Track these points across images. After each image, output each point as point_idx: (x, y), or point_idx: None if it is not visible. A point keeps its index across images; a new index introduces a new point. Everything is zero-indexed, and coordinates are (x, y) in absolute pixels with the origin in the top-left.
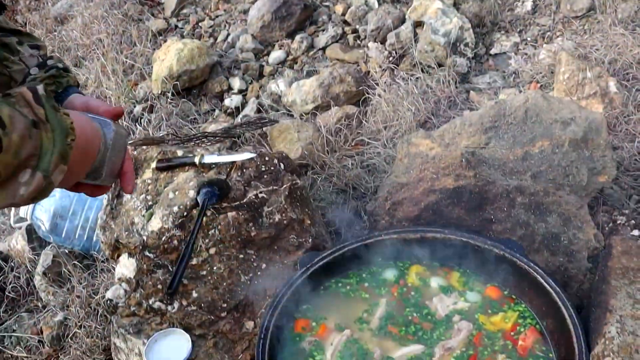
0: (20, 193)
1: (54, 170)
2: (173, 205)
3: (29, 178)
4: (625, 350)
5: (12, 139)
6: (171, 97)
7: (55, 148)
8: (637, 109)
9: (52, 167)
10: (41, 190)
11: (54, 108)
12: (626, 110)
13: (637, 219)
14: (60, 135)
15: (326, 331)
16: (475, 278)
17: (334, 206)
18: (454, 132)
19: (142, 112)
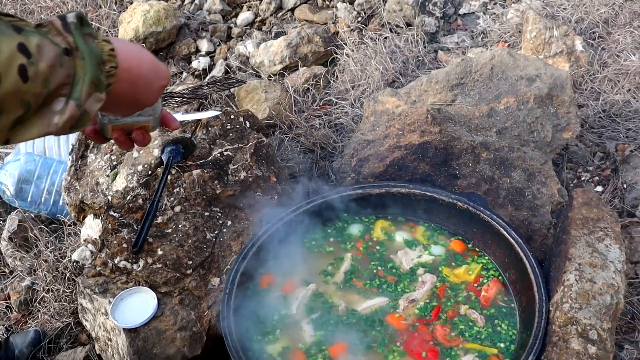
0: (55, 122)
1: (86, 98)
2: (137, 164)
3: (62, 107)
4: (583, 296)
5: (39, 68)
6: None
7: (87, 76)
8: (603, 68)
9: (84, 95)
10: (77, 119)
11: (87, 35)
12: (592, 68)
13: (600, 176)
14: (91, 62)
15: (291, 286)
16: (439, 232)
17: (301, 165)
18: (420, 90)
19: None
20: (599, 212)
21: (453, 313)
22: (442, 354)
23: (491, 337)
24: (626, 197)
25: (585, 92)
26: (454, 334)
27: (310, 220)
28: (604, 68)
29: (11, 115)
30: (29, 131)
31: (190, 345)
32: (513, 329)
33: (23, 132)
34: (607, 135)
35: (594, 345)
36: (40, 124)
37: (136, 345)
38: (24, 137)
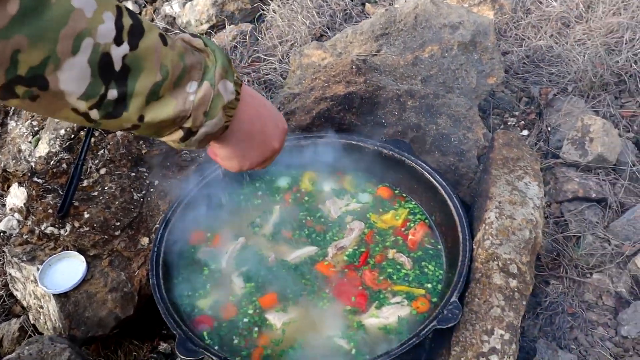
0: (190, 99)
1: (219, 80)
2: (60, 128)
3: (196, 88)
4: (503, 232)
5: (175, 43)
6: None
7: (218, 62)
8: (526, 14)
9: (217, 77)
10: (211, 100)
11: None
12: (515, 15)
13: (526, 120)
14: (220, 54)
15: (220, 241)
16: (366, 180)
17: None
18: (345, 42)
19: None
20: (519, 151)
21: (381, 257)
22: (371, 298)
23: (419, 278)
24: (550, 139)
25: (510, 39)
26: (383, 278)
27: (238, 175)
28: (527, 15)
29: (150, 77)
30: (165, 109)
31: (122, 306)
32: (440, 269)
33: (159, 109)
34: (532, 80)
35: (514, 278)
36: (175, 102)
37: (67, 309)
38: (160, 114)
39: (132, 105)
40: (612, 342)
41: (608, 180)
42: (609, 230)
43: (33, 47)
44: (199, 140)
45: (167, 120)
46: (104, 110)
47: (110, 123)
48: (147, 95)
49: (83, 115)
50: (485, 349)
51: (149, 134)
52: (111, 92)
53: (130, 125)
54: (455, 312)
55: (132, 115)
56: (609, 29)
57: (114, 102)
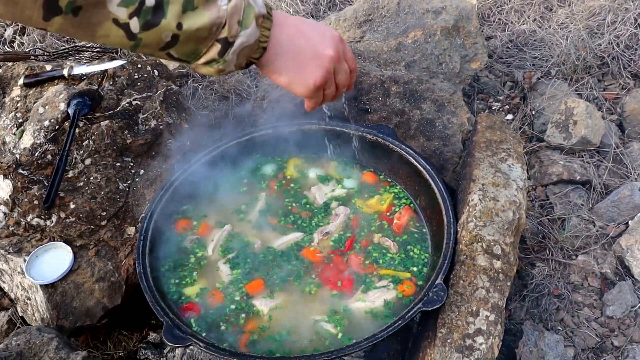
0: (223, 8)
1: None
2: (44, 119)
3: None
4: (486, 214)
5: None
6: None
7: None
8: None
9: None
10: (243, 8)
11: None
12: (498, 0)
13: (510, 104)
14: None
15: (207, 228)
16: (351, 166)
17: (217, 113)
18: None
19: (13, 36)
20: (502, 134)
21: (367, 242)
22: (357, 282)
23: (404, 262)
24: (535, 123)
25: (493, 24)
26: (368, 262)
27: (223, 163)
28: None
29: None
30: (201, 17)
31: (110, 295)
32: (425, 252)
33: (195, 17)
34: (515, 64)
35: (498, 260)
36: (209, 12)
37: (54, 300)
38: (197, 21)
39: (170, 11)
40: (598, 323)
41: (592, 163)
42: (594, 212)
43: None
44: (237, 54)
45: (204, 29)
46: (143, 18)
47: (151, 35)
48: (183, 3)
49: (124, 27)
50: (471, 330)
51: (188, 51)
52: None
53: (170, 35)
54: (441, 294)
55: (171, 22)
56: (591, 12)
57: (153, 9)
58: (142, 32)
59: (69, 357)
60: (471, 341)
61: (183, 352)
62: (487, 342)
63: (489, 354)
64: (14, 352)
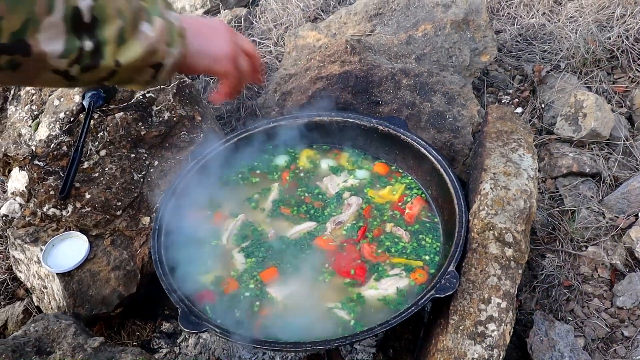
0: (150, 34)
1: (164, 11)
2: (59, 112)
3: (150, 25)
4: (498, 203)
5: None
6: None
7: (156, 2)
8: None
9: (162, 10)
10: (168, 31)
11: None
12: None
13: (519, 97)
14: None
15: (221, 218)
16: (363, 157)
17: (228, 106)
18: (340, 23)
19: None
20: (513, 125)
21: (379, 231)
22: (369, 270)
23: (416, 250)
24: (544, 116)
25: (502, 18)
26: (381, 251)
27: (237, 154)
28: None
29: (114, 24)
30: (134, 49)
31: (125, 283)
32: (437, 241)
33: (128, 51)
34: (525, 58)
35: (510, 247)
36: (138, 41)
37: (71, 288)
38: (131, 55)
39: (107, 52)
40: (608, 313)
41: (602, 155)
42: (604, 204)
43: (13, 11)
44: (168, 72)
45: (139, 60)
46: (82, 63)
47: (88, 76)
48: (116, 41)
49: (63, 74)
50: (483, 317)
51: (123, 79)
52: (87, 44)
53: (107, 73)
54: (453, 281)
55: (109, 62)
56: (600, 5)
57: (91, 54)
58: (81, 74)
59: (87, 342)
60: (483, 328)
61: (196, 341)
62: (498, 329)
63: (501, 341)
64: (33, 338)
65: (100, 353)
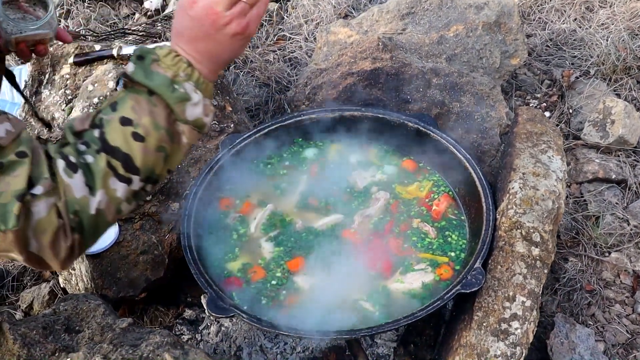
0: (185, 141)
1: (183, 114)
2: (93, 97)
3: (182, 127)
4: (526, 202)
5: (144, 123)
6: (88, 1)
7: (170, 102)
8: None
9: (181, 114)
10: (198, 129)
11: (153, 64)
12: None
13: (547, 102)
14: (165, 90)
15: (249, 207)
16: (392, 152)
17: (257, 99)
18: (371, 20)
19: (58, 19)
20: (543, 127)
21: (406, 226)
22: (395, 264)
23: (442, 247)
24: (572, 121)
25: (534, 22)
26: (407, 246)
27: (266, 145)
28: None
29: (160, 163)
30: (177, 159)
31: (153, 268)
32: (463, 239)
33: (174, 161)
34: (554, 63)
35: (537, 247)
36: (179, 150)
37: (100, 270)
38: (175, 163)
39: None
40: (629, 320)
41: (628, 162)
42: (628, 211)
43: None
44: (208, 106)
45: (182, 160)
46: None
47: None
48: (163, 166)
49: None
50: (507, 315)
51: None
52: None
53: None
54: (479, 277)
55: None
56: (633, 13)
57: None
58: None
59: (115, 323)
60: (507, 325)
61: (218, 329)
62: (522, 327)
63: (524, 339)
64: (62, 317)
65: (128, 334)
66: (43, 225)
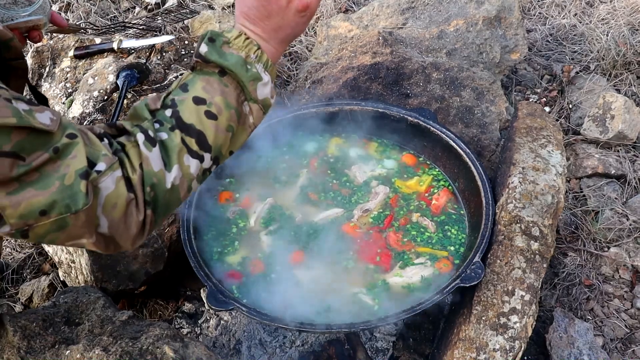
0: (250, 122)
1: (255, 94)
2: (93, 90)
3: (249, 108)
4: (526, 197)
5: (216, 102)
6: None
7: (243, 81)
8: None
9: (253, 93)
10: (264, 110)
11: (224, 45)
12: None
13: (547, 97)
14: (238, 69)
15: (249, 201)
16: (392, 147)
17: None
18: (372, 14)
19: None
20: (543, 121)
21: (405, 221)
22: (395, 258)
23: (442, 241)
24: (571, 116)
25: (534, 17)
26: (406, 240)
27: (266, 140)
28: None
29: (227, 142)
30: (241, 140)
31: (153, 261)
32: (462, 233)
33: (238, 142)
34: (554, 58)
35: (536, 241)
36: (244, 131)
37: (100, 263)
38: (238, 144)
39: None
40: (628, 314)
41: (628, 158)
42: (628, 206)
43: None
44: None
45: (244, 142)
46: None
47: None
48: (229, 144)
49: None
50: (506, 309)
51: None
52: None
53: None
54: (478, 271)
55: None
56: (633, 8)
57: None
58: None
59: (115, 315)
60: (505, 319)
61: (217, 322)
62: (521, 321)
63: (523, 333)
64: (62, 309)
65: (128, 326)
66: (113, 200)
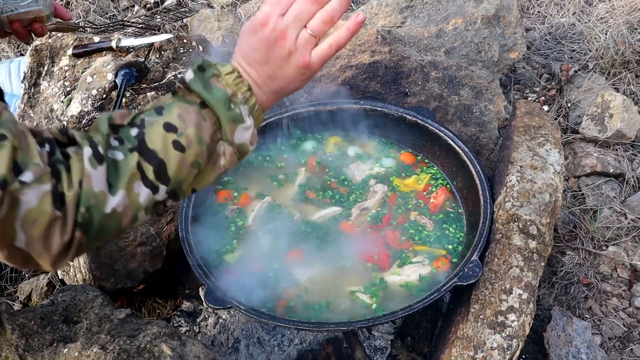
0: (222, 164)
1: (232, 135)
2: (92, 88)
3: (223, 148)
4: (524, 195)
5: (188, 134)
6: None
7: (222, 119)
8: None
9: (229, 135)
10: (238, 154)
11: (212, 78)
12: None
13: (546, 96)
14: (220, 106)
15: (247, 199)
16: (390, 145)
17: None
18: (371, 13)
19: None
20: (541, 120)
21: (403, 219)
22: (393, 256)
23: (440, 239)
24: (570, 115)
25: (533, 16)
26: (405, 238)
27: (265, 138)
28: None
29: (190, 179)
30: (206, 180)
31: (151, 259)
32: (460, 232)
33: (202, 182)
34: (553, 57)
35: (534, 240)
36: (212, 171)
37: (98, 261)
38: (203, 184)
39: (183, 192)
40: (626, 313)
41: (626, 156)
42: (626, 205)
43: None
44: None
45: (212, 182)
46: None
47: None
48: (192, 182)
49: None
50: (504, 308)
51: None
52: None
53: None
54: (476, 270)
55: (187, 194)
56: (632, 7)
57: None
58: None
59: (113, 313)
60: (503, 318)
61: (216, 321)
62: (519, 320)
63: (520, 331)
64: (60, 308)
65: (126, 324)
66: (33, 216)
